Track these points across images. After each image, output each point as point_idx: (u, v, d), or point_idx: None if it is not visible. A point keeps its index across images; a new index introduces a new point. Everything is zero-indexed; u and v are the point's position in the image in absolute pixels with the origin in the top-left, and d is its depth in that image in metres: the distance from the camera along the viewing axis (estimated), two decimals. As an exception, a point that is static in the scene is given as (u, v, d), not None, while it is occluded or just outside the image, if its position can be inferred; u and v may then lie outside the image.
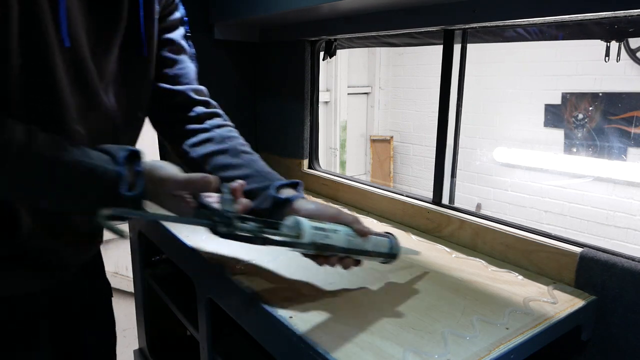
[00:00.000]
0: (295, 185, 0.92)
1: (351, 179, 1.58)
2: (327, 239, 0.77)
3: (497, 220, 1.14)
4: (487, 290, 0.95)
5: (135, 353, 1.73)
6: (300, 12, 1.37)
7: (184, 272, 1.20)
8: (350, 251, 0.81)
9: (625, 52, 3.18)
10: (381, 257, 0.88)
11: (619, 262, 0.89)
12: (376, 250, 0.86)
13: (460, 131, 1.27)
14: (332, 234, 0.78)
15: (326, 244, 0.77)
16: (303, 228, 0.74)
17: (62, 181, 0.66)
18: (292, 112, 1.76)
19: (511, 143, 3.93)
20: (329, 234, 0.78)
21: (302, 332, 0.77)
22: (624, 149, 3.33)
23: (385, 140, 4.89)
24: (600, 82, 3.39)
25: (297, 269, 1.02)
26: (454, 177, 1.30)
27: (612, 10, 0.87)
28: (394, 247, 0.89)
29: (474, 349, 0.74)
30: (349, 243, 0.81)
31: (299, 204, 0.85)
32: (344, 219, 0.83)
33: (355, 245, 0.82)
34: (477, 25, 1.14)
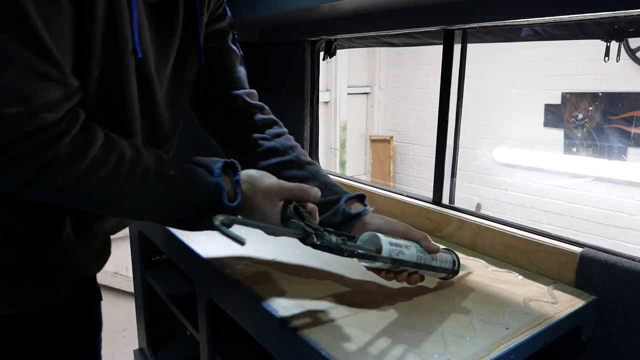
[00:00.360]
0: (362, 198, 0.94)
1: (351, 179, 1.58)
2: (401, 254, 0.80)
3: (497, 220, 1.14)
4: (487, 290, 0.95)
5: (135, 353, 1.73)
6: (300, 12, 1.37)
7: (184, 272, 1.20)
8: (420, 266, 0.84)
9: (625, 52, 3.18)
10: (445, 272, 0.90)
11: (619, 262, 0.89)
12: (442, 267, 0.88)
13: (460, 131, 1.27)
14: (405, 250, 0.82)
15: (400, 259, 0.80)
16: (382, 243, 0.78)
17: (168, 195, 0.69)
18: (292, 112, 1.76)
19: (511, 143, 3.93)
20: (403, 249, 0.81)
21: (302, 332, 0.77)
22: (624, 149, 3.33)
23: (385, 140, 4.89)
24: (600, 82, 3.39)
25: (297, 268, 1.03)
26: (454, 177, 1.30)
27: (612, 10, 0.87)
28: (457, 263, 0.92)
29: (474, 349, 0.74)
30: (419, 259, 0.83)
31: (368, 218, 0.88)
32: (414, 235, 0.86)
33: (424, 261, 0.85)
34: (477, 25, 1.14)
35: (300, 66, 1.69)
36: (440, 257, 0.89)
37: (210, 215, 0.64)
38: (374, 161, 4.91)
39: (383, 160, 4.90)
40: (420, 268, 0.84)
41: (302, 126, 1.72)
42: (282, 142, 1.00)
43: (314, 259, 1.08)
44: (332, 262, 1.06)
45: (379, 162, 4.91)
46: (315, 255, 1.09)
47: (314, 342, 0.74)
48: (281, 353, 0.84)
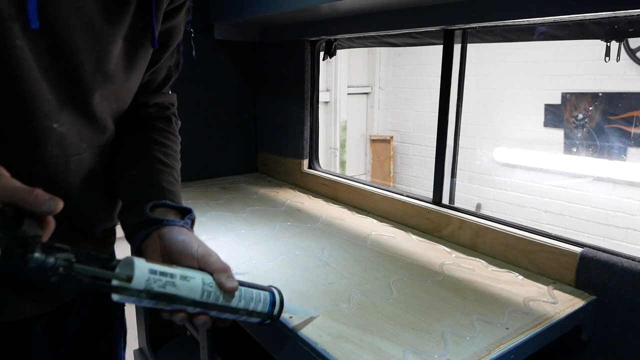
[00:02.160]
0: (185, 211, 0.76)
1: (351, 179, 1.58)
2: (170, 287, 0.59)
3: (497, 220, 1.14)
4: (487, 290, 0.95)
5: (135, 353, 1.73)
6: (300, 12, 1.37)
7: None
8: (205, 306, 0.63)
9: (625, 52, 3.18)
10: (254, 316, 0.69)
11: (619, 262, 0.89)
12: (246, 308, 0.67)
13: (460, 131, 1.27)
14: (181, 282, 0.60)
15: (168, 293, 0.59)
16: (135, 270, 0.56)
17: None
18: (292, 112, 1.76)
19: (511, 143, 3.93)
20: (176, 281, 0.60)
21: (302, 332, 0.77)
22: (624, 149, 3.33)
23: (385, 140, 4.89)
24: (600, 82, 3.39)
25: (297, 268, 1.03)
26: (454, 177, 1.30)
27: (612, 10, 0.87)
28: (277, 306, 0.71)
29: (474, 349, 0.74)
30: (203, 296, 0.62)
31: (167, 231, 0.70)
32: (210, 264, 0.66)
33: (212, 299, 0.63)
34: (477, 25, 1.14)
35: (300, 66, 1.69)
36: (247, 295, 0.67)
37: None
38: (374, 161, 4.91)
39: (383, 160, 4.90)
40: (206, 308, 0.63)
41: (302, 126, 1.72)
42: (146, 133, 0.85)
43: (314, 259, 1.08)
44: (332, 262, 1.06)
45: (379, 162, 4.91)
46: (315, 255, 1.09)
47: (314, 342, 0.74)
48: (281, 353, 0.84)
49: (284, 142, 1.82)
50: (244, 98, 1.94)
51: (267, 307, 0.70)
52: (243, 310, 0.67)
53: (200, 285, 0.63)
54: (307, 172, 1.72)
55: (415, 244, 1.20)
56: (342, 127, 4.60)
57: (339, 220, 1.37)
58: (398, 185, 4.89)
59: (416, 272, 1.02)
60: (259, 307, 0.69)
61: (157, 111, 0.87)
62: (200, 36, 1.74)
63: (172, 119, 0.90)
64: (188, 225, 0.73)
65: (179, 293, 0.60)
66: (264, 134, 1.96)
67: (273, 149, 1.90)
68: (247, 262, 1.04)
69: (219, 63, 1.82)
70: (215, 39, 1.75)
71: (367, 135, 4.97)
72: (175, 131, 0.90)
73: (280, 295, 0.72)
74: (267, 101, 1.91)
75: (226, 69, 1.85)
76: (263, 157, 1.96)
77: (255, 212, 1.42)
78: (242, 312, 0.67)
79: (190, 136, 1.79)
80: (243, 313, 0.68)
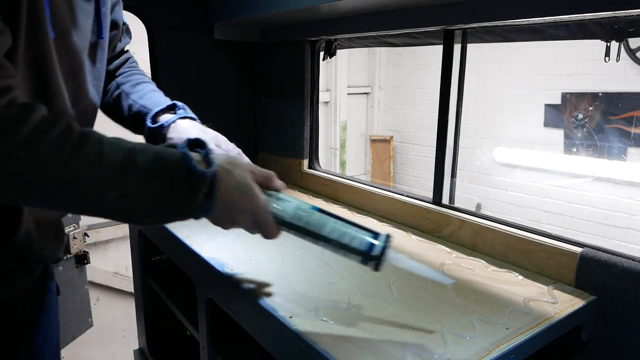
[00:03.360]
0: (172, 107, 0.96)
1: (351, 179, 1.58)
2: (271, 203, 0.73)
3: (497, 220, 1.14)
4: (487, 290, 0.95)
5: (135, 353, 1.73)
6: (300, 12, 1.37)
7: (184, 272, 1.20)
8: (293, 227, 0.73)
9: (625, 52, 3.18)
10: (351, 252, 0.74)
11: (619, 262, 0.89)
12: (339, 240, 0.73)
13: (460, 131, 1.27)
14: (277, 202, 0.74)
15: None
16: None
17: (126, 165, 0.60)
18: (292, 112, 1.76)
19: (511, 143, 3.93)
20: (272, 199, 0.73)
21: (302, 332, 0.77)
22: (624, 149, 3.33)
23: (385, 140, 4.89)
24: (600, 82, 3.39)
25: (297, 268, 1.03)
26: (454, 177, 1.30)
27: (612, 10, 0.87)
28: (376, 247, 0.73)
29: (474, 349, 0.74)
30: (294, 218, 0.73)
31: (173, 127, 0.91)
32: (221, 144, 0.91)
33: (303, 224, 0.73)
34: (477, 25, 1.14)
35: (300, 66, 1.69)
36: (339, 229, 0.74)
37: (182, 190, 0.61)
38: (374, 161, 4.91)
39: (383, 160, 4.90)
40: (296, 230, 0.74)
41: (302, 126, 1.72)
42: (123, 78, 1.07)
43: (314, 259, 1.08)
44: (332, 262, 1.06)
45: (379, 162, 4.91)
46: (315, 255, 1.09)
47: (314, 342, 0.74)
48: (281, 353, 0.84)
49: (284, 142, 1.82)
50: (244, 98, 1.94)
51: (363, 246, 0.73)
52: (336, 242, 0.73)
53: (294, 207, 0.73)
54: (307, 172, 1.72)
55: (415, 244, 1.20)
56: (342, 127, 4.60)
57: (339, 220, 1.36)
58: (398, 185, 4.89)
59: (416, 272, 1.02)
60: (354, 243, 0.73)
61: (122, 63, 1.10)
62: (200, 36, 1.74)
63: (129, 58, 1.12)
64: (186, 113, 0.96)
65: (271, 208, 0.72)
66: (264, 134, 1.95)
67: (273, 149, 1.90)
68: (247, 262, 1.04)
69: (219, 63, 1.82)
70: (215, 39, 1.75)
71: (367, 135, 4.97)
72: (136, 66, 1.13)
73: (388, 241, 0.74)
74: (267, 101, 1.91)
75: (226, 69, 1.85)
76: (263, 157, 1.96)
77: (255, 212, 1.42)
78: (334, 243, 0.73)
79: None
80: (336, 245, 0.73)
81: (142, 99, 0.99)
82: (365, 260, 0.74)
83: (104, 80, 0.96)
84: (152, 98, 1.00)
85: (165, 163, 0.63)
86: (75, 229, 1.82)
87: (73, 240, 1.80)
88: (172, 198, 0.64)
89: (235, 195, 0.69)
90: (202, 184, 0.64)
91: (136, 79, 1.05)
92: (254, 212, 0.71)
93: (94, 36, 0.84)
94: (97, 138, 0.60)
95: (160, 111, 0.94)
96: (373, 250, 0.73)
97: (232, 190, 0.69)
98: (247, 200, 0.70)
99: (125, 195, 0.61)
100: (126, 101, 1.00)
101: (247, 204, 0.70)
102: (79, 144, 0.58)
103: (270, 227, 0.72)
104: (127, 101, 1.00)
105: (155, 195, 0.63)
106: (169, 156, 0.63)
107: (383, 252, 0.73)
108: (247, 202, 0.70)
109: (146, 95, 1.01)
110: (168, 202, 0.64)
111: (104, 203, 0.61)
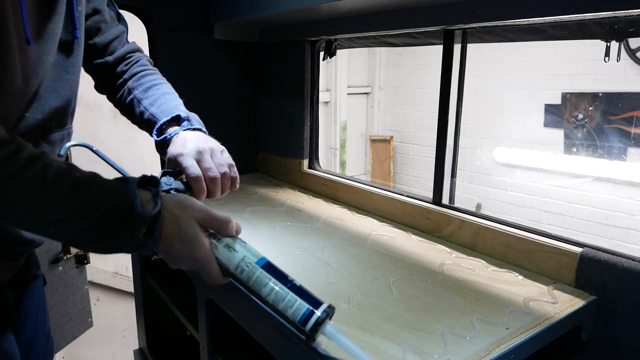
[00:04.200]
0: (177, 119, 0.95)
1: (351, 179, 1.58)
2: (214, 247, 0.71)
3: (497, 220, 1.14)
4: (487, 290, 0.95)
5: (135, 353, 1.73)
6: (300, 12, 1.37)
7: (184, 272, 1.20)
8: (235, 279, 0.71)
9: (625, 52, 3.18)
10: (285, 320, 0.70)
11: (619, 262, 0.89)
12: (275, 306, 0.69)
13: (460, 131, 1.27)
14: (223, 249, 0.71)
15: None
16: None
17: (70, 192, 0.62)
18: (292, 112, 1.76)
19: (511, 143, 3.93)
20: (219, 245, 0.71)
21: (302, 332, 0.77)
22: (624, 149, 3.33)
23: (385, 140, 4.89)
24: (600, 82, 3.39)
25: (298, 268, 1.03)
26: (454, 177, 1.30)
27: (612, 10, 0.87)
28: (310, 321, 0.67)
29: (474, 349, 0.74)
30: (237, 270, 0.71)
31: (174, 140, 0.91)
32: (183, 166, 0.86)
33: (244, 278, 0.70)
34: (477, 25, 1.14)
35: (300, 66, 1.69)
36: (280, 293, 0.69)
37: (120, 226, 0.62)
38: (374, 161, 4.92)
39: (383, 160, 4.90)
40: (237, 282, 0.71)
41: (302, 126, 1.72)
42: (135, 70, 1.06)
43: (314, 259, 1.08)
44: (332, 262, 1.06)
45: (379, 162, 4.91)
46: (315, 255, 1.10)
47: (314, 342, 0.74)
48: (281, 353, 0.84)
49: (284, 142, 1.82)
50: (244, 98, 1.94)
51: (298, 317, 0.68)
52: (271, 305, 0.69)
53: (238, 259, 0.70)
54: (307, 172, 1.72)
55: (415, 244, 1.20)
56: (342, 127, 4.60)
57: (339, 220, 1.37)
58: (398, 185, 4.89)
59: (416, 272, 1.02)
60: (288, 312, 0.68)
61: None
62: (200, 36, 1.74)
63: (134, 51, 1.10)
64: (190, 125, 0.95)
65: (217, 255, 0.69)
66: (264, 134, 1.95)
67: (273, 149, 1.90)
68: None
69: (219, 63, 1.82)
70: (215, 39, 1.75)
71: (367, 135, 4.98)
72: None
73: (326, 315, 0.68)
74: (267, 101, 1.91)
75: (226, 69, 1.85)
76: (263, 157, 1.96)
77: (255, 212, 1.42)
78: (270, 306, 0.69)
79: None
80: (271, 309, 0.69)
81: (152, 106, 0.99)
82: (298, 331, 0.69)
83: (109, 74, 1.02)
84: (162, 105, 0.99)
85: (108, 199, 0.64)
86: (75, 229, 1.83)
87: (73, 240, 1.79)
88: (113, 233, 0.64)
89: (176, 242, 0.68)
90: (141, 224, 0.64)
91: (148, 82, 1.04)
92: (195, 260, 0.69)
93: (69, 35, 0.84)
94: (44, 163, 0.61)
95: (165, 122, 0.95)
96: (307, 324, 0.67)
97: (174, 236, 0.68)
98: (188, 248, 0.69)
99: (60, 222, 0.62)
100: (138, 108, 1.00)
101: (187, 251, 0.69)
102: (22, 167, 0.59)
103: (212, 277, 0.71)
104: (139, 108, 1.00)
105: (95, 228, 0.63)
106: (113, 192, 0.64)
107: (316, 327, 0.67)
108: (188, 250, 0.69)
109: (157, 102, 1.00)
110: (108, 236, 0.64)
111: (41, 226, 0.63)
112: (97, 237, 0.64)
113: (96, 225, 0.63)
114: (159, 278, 1.50)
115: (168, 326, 1.65)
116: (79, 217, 0.62)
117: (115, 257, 3.04)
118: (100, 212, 0.63)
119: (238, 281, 0.70)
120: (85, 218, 0.62)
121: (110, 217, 0.63)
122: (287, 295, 0.69)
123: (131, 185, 0.65)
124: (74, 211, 0.62)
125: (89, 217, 0.62)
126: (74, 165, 0.65)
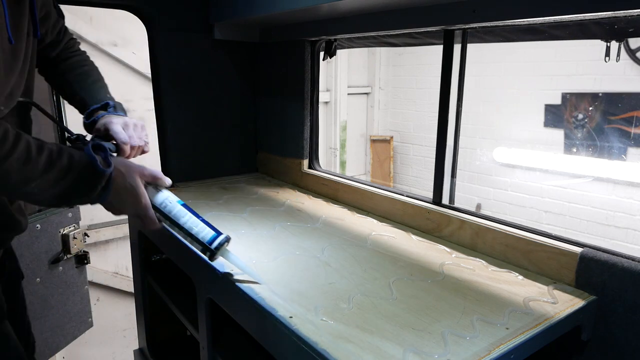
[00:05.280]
0: (105, 106, 1.10)
1: (351, 179, 1.58)
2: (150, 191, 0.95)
3: (497, 220, 1.14)
4: (487, 290, 0.95)
5: (135, 353, 1.73)
6: (300, 12, 1.37)
7: (184, 272, 1.20)
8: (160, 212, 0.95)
9: (625, 52, 3.18)
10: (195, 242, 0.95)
11: (619, 262, 0.89)
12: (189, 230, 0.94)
13: (460, 131, 1.27)
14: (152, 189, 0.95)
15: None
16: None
17: (48, 165, 0.79)
18: (292, 112, 1.76)
19: (511, 143, 3.93)
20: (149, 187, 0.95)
21: (302, 332, 0.77)
22: (624, 149, 3.33)
23: (385, 141, 4.89)
24: (600, 82, 3.39)
25: (298, 268, 1.03)
26: (454, 177, 1.30)
27: (612, 10, 0.87)
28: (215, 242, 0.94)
29: (474, 349, 0.74)
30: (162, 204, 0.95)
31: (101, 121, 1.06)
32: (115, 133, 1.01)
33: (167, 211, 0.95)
34: (477, 25, 1.14)
35: (300, 66, 1.69)
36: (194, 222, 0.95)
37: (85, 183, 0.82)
38: (374, 161, 4.92)
39: (383, 160, 4.90)
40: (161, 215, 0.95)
41: (302, 126, 1.72)
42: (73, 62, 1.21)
43: (314, 259, 1.08)
44: (332, 262, 1.06)
45: (379, 162, 4.91)
46: (315, 255, 1.10)
47: (314, 342, 0.74)
48: (281, 353, 0.84)
49: (284, 142, 1.82)
50: (244, 98, 1.94)
51: (207, 238, 0.94)
52: (186, 231, 0.94)
53: (163, 198, 0.95)
54: (307, 172, 1.72)
55: (415, 244, 1.20)
56: (342, 127, 4.60)
57: (339, 220, 1.37)
58: (398, 185, 4.89)
59: (416, 272, 1.02)
60: (200, 234, 0.94)
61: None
62: (200, 36, 1.74)
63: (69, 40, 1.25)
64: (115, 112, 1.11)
65: (151, 197, 0.93)
66: (264, 134, 1.95)
67: (273, 149, 1.90)
68: (247, 262, 1.04)
69: (219, 63, 1.82)
70: (215, 39, 1.75)
71: (367, 135, 4.98)
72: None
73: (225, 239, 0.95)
74: (267, 101, 1.91)
75: (226, 69, 1.85)
76: (263, 157, 1.96)
77: (255, 212, 1.42)
78: (185, 231, 0.94)
79: (191, 136, 1.79)
80: (187, 233, 0.94)
81: (82, 90, 1.16)
82: (204, 250, 0.95)
83: (50, 64, 1.18)
84: (91, 92, 1.16)
85: (78, 164, 0.83)
86: (75, 229, 1.82)
87: (73, 240, 1.79)
88: (79, 189, 0.84)
89: (123, 192, 0.90)
90: (101, 180, 0.85)
91: (79, 70, 1.20)
92: (135, 205, 0.92)
93: (30, 36, 0.96)
94: (26, 141, 0.78)
95: (94, 109, 1.10)
96: (212, 243, 0.94)
97: (121, 188, 0.89)
98: (132, 196, 0.91)
99: (43, 185, 0.80)
100: (70, 89, 1.17)
101: (130, 198, 0.91)
102: (13, 146, 0.75)
103: (147, 219, 0.93)
104: (71, 89, 1.17)
105: (66, 187, 0.82)
106: (79, 158, 0.83)
107: (219, 247, 0.94)
108: (131, 197, 0.91)
109: (85, 89, 1.17)
110: (76, 192, 0.84)
111: (26, 189, 0.79)
112: (69, 195, 0.84)
113: (70, 186, 0.82)
114: (159, 278, 1.50)
115: (168, 326, 1.65)
116: (56, 183, 0.81)
117: (115, 257, 3.04)
118: (73, 175, 0.82)
119: (163, 214, 0.94)
120: (60, 183, 0.81)
121: (80, 179, 0.83)
122: (199, 224, 0.95)
123: (88, 150, 0.84)
124: (54, 179, 0.80)
125: (64, 181, 0.81)
126: (43, 140, 0.81)
